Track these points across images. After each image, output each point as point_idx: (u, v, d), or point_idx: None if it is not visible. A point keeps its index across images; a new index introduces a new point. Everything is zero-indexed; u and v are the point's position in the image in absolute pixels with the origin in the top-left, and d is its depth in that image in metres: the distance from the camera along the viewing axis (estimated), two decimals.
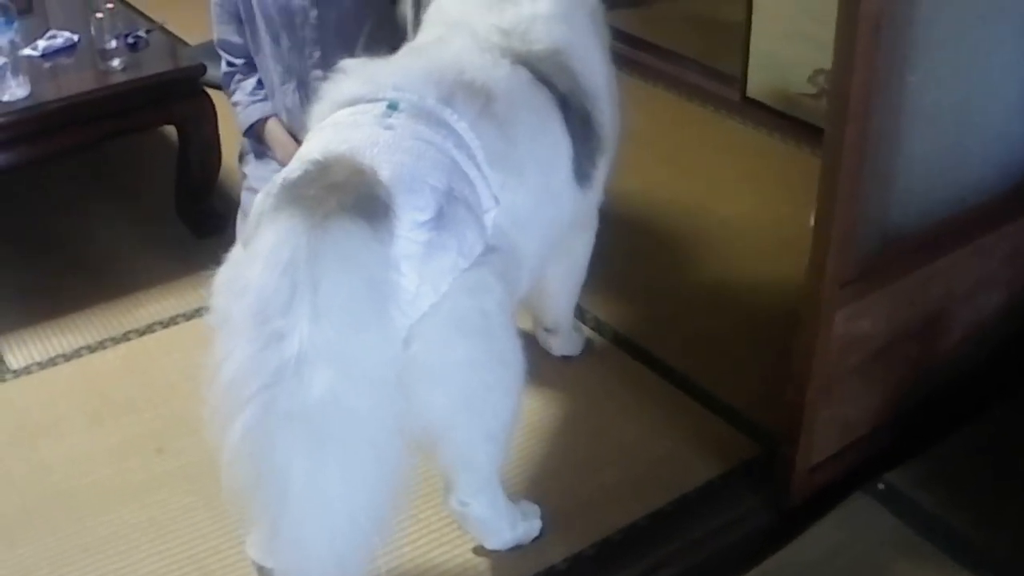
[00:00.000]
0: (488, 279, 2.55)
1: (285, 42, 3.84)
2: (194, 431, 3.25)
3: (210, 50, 4.33)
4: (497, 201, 2.65)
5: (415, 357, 2.42)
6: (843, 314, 2.92)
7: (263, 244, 2.26)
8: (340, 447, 2.25)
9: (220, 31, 4.03)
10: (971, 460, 3.17)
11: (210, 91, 4.31)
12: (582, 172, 3.03)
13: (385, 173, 2.41)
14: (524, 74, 2.92)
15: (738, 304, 3.99)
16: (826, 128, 2.77)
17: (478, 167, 2.63)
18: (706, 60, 5.55)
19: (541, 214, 2.87)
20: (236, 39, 3.99)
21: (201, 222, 4.43)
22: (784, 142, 5.08)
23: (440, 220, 2.45)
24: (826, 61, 4.60)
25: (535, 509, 3.06)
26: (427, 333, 2.44)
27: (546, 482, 3.20)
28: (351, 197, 2.29)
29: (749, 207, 4.57)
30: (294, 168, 2.41)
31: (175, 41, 4.58)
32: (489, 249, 2.58)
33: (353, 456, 2.28)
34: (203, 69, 4.20)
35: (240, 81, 4.06)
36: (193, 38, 4.89)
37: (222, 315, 2.43)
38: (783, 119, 5.14)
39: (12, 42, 3.97)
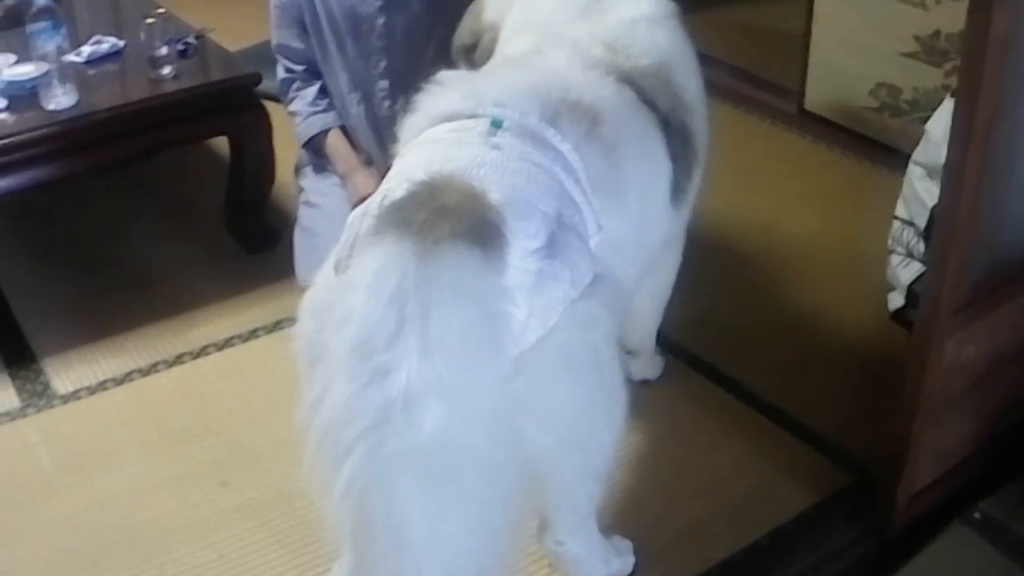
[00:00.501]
0: (597, 311, 2.40)
1: (351, 50, 3.68)
2: (259, 462, 3.24)
3: (253, 57, 4.21)
4: (600, 228, 2.51)
5: (521, 393, 2.25)
6: (953, 342, 2.85)
7: (365, 270, 2.11)
8: (458, 488, 2.11)
9: (280, 35, 3.84)
10: None
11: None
12: (678, 190, 2.91)
13: (495, 196, 2.24)
14: (629, 94, 2.78)
15: (815, 326, 3.88)
16: (949, 152, 2.67)
17: (584, 192, 2.48)
18: (762, 72, 5.46)
19: (639, 239, 2.75)
20: (297, 44, 3.80)
21: (253, 237, 4.27)
22: (845, 156, 4.99)
23: (552, 248, 2.29)
24: (888, 75, 4.73)
25: (627, 544, 2.94)
26: (535, 369, 2.28)
27: (635, 514, 3.07)
28: (464, 223, 2.13)
29: (817, 224, 4.46)
30: (397, 187, 2.25)
31: (221, 48, 4.34)
32: (596, 279, 2.41)
33: (473, 496, 2.14)
34: (259, 78, 4.01)
35: (299, 89, 3.87)
36: (232, 45, 4.67)
37: (311, 344, 2.31)
38: (842, 132, 5.06)
39: (59, 47, 3.77)
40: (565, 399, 2.37)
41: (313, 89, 3.84)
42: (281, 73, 3.89)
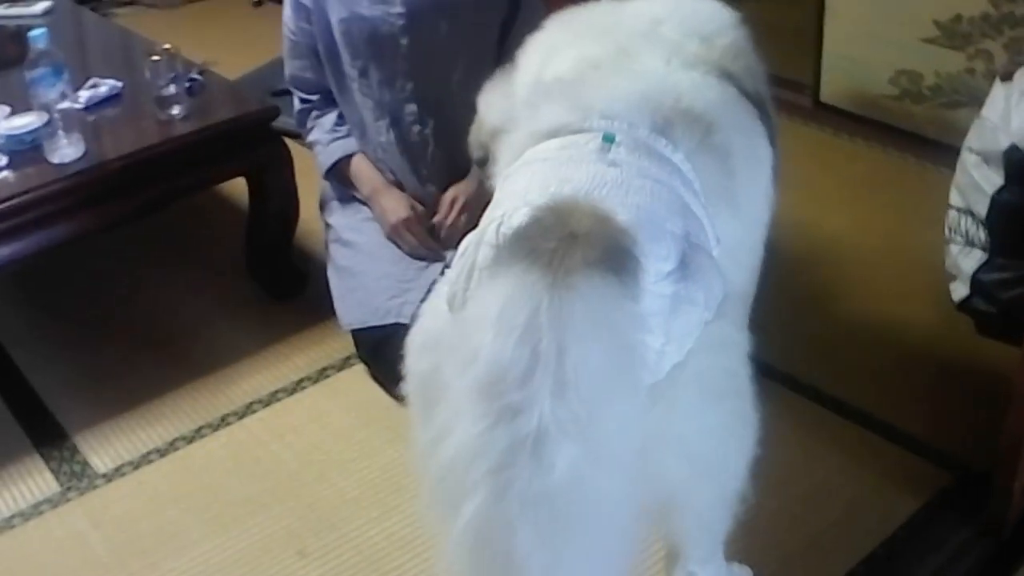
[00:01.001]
0: (730, 331, 2.25)
1: (375, 75, 3.50)
2: (334, 526, 3.05)
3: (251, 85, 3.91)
4: (718, 240, 2.31)
5: (656, 423, 2.09)
6: None
7: (491, 305, 1.92)
8: (584, 534, 1.94)
9: (293, 66, 3.68)
10: None
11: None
12: (775, 171, 2.75)
13: (623, 218, 2.06)
14: (731, 90, 2.59)
15: (882, 325, 3.76)
16: None
17: (702, 205, 2.30)
18: (774, 68, 5.22)
19: (752, 241, 2.61)
20: (310, 75, 3.66)
21: (279, 282, 4.02)
22: (870, 146, 4.90)
23: (685, 270, 2.11)
24: (907, 61, 4.68)
25: (747, 571, 2.81)
26: (672, 399, 2.12)
27: (745, 540, 2.83)
28: (597, 250, 1.94)
29: (856, 218, 4.35)
30: (514, 213, 2.07)
31: (227, 82, 4.08)
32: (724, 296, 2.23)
33: (598, 543, 1.97)
34: (276, 111, 3.77)
35: (318, 118, 3.72)
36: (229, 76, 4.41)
37: (425, 384, 2.18)
38: (862, 123, 4.98)
39: (63, 93, 3.45)
40: (703, 427, 2.22)
41: (332, 116, 3.70)
42: (297, 105, 3.74)
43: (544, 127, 2.34)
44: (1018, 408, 2.83)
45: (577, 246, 1.93)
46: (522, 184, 2.18)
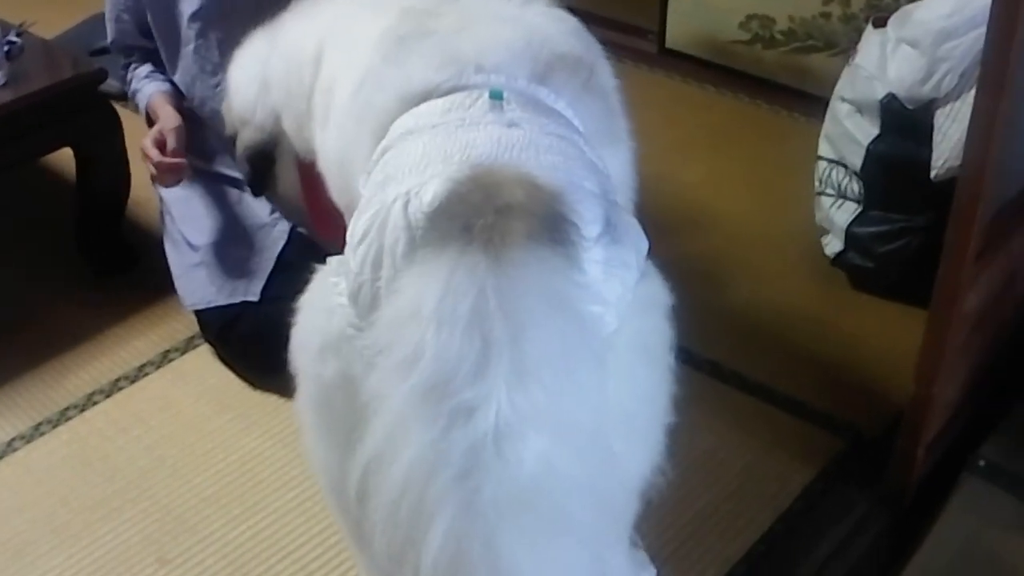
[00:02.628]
0: (658, 289, 2.05)
1: (213, 36, 3.31)
2: (194, 528, 2.84)
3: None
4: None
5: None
6: (970, 293, 2.71)
7: (423, 295, 1.73)
8: (569, 526, 1.75)
9: (117, 30, 3.50)
10: None
11: None
12: None
13: (553, 183, 1.90)
14: (575, 19, 2.43)
15: (752, 282, 3.67)
16: (977, 101, 2.47)
17: (597, 156, 2.15)
18: (617, 13, 5.19)
19: (632, 179, 2.44)
20: (132, 40, 3.49)
21: (110, 258, 3.74)
22: (721, 93, 4.81)
23: (613, 232, 1.95)
24: (758, 6, 4.59)
25: (644, 557, 2.61)
26: (611, 366, 1.91)
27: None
28: (537, 219, 1.78)
29: (713, 169, 4.24)
30: (422, 189, 1.89)
31: (49, 45, 3.77)
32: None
33: (587, 534, 1.78)
34: (104, 75, 3.49)
35: (135, 68, 3.49)
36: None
37: (332, 394, 2.02)
38: (711, 69, 4.89)
39: None
40: (640, 393, 2.03)
41: (147, 66, 3.48)
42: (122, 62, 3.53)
43: (416, 88, 2.14)
44: (923, 373, 2.77)
45: (513, 218, 1.76)
46: (415, 156, 1.98)
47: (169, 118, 3.30)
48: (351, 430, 1.88)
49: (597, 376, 1.81)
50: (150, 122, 3.42)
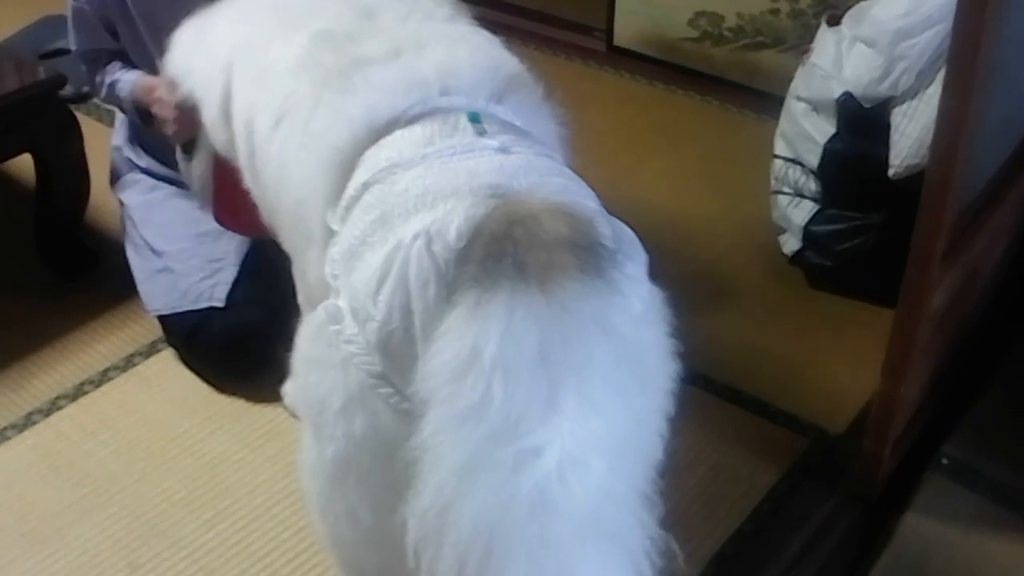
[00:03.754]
0: (659, 300, 1.94)
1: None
2: (164, 533, 2.84)
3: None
4: None
5: None
6: (937, 292, 2.74)
7: (482, 340, 1.67)
8: (624, 542, 1.72)
9: (82, 40, 3.38)
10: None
11: None
12: None
13: (583, 210, 1.88)
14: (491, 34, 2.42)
15: (708, 281, 3.68)
16: (943, 102, 2.50)
17: None
18: (566, 13, 5.22)
19: None
20: (101, 46, 3.37)
21: (70, 262, 3.71)
22: (670, 91, 4.83)
23: (623, 248, 1.92)
24: (706, 3, 4.64)
25: None
26: None
27: None
28: (584, 251, 1.75)
29: (664, 166, 4.27)
30: (451, 228, 1.81)
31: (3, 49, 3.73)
32: None
33: (637, 545, 1.73)
34: (63, 80, 3.45)
35: (106, 65, 3.37)
36: None
37: (363, 450, 1.92)
38: (659, 67, 4.92)
39: None
40: (657, 405, 1.95)
41: (118, 62, 3.37)
42: (88, 71, 3.41)
43: (384, 115, 2.08)
44: (890, 373, 2.80)
45: (563, 252, 1.73)
46: (415, 190, 1.91)
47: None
48: (386, 486, 1.85)
49: (641, 397, 1.81)
50: (140, 112, 3.33)
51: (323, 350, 1.93)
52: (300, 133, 2.20)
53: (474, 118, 2.06)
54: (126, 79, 3.33)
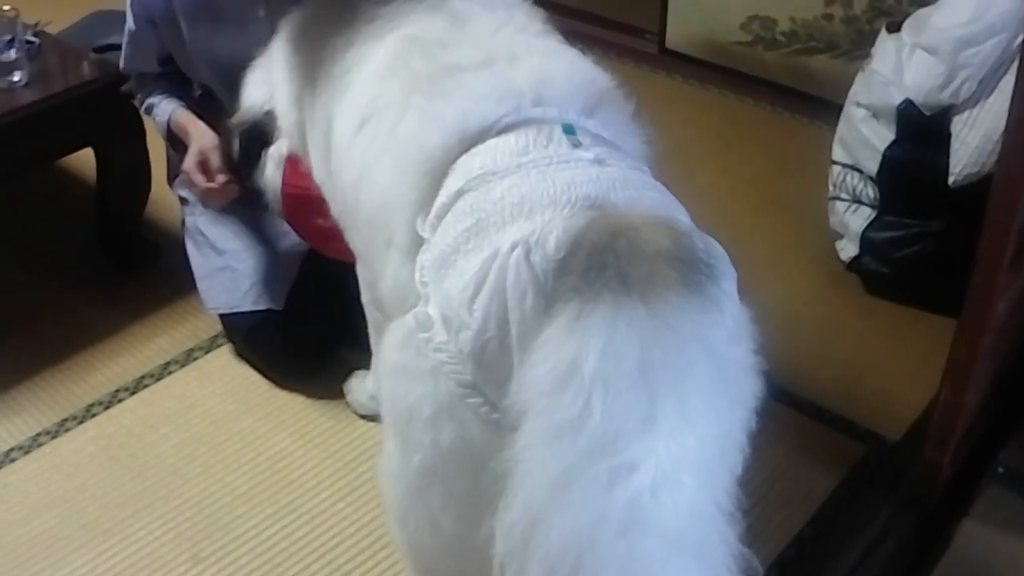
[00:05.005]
0: (747, 318, 1.94)
1: None
2: (227, 526, 2.85)
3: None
4: None
5: None
6: (1003, 302, 2.73)
7: (583, 352, 1.65)
8: (711, 558, 1.70)
9: (135, 60, 3.40)
10: None
11: None
12: None
13: (682, 224, 1.86)
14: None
15: (766, 285, 3.59)
16: (1013, 110, 2.46)
17: None
18: (619, 15, 5.22)
19: None
20: (151, 68, 3.40)
21: (131, 257, 3.74)
22: (723, 95, 4.83)
23: (716, 262, 1.87)
24: (761, 6, 4.62)
25: None
26: None
27: None
28: (686, 265, 1.73)
29: (720, 170, 4.24)
30: (549, 240, 1.80)
31: (65, 44, 3.75)
32: None
33: (722, 560, 1.72)
34: (127, 76, 3.43)
35: (151, 84, 3.42)
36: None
37: (450, 458, 1.91)
38: (711, 70, 4.90)
39: None
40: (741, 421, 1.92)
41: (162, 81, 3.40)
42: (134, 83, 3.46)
43: (474, 125, 2.07)
44: (952, 384, 2.79)
45: (665, 265, 1.71)
46: (511, 199, 1.90)
47: (204, 135, 3.23)
48: (471, 496, 1.86)
49: (730, 414, 1.80)
50: (171, 138, 3.38)
51: (412, 358, 1.92)
52: (385, 137, 2.20)
53: (568, 130, 2.05)
54: (163, 108, 3.36)
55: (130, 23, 3.29)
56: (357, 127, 2.28)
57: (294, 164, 2.82)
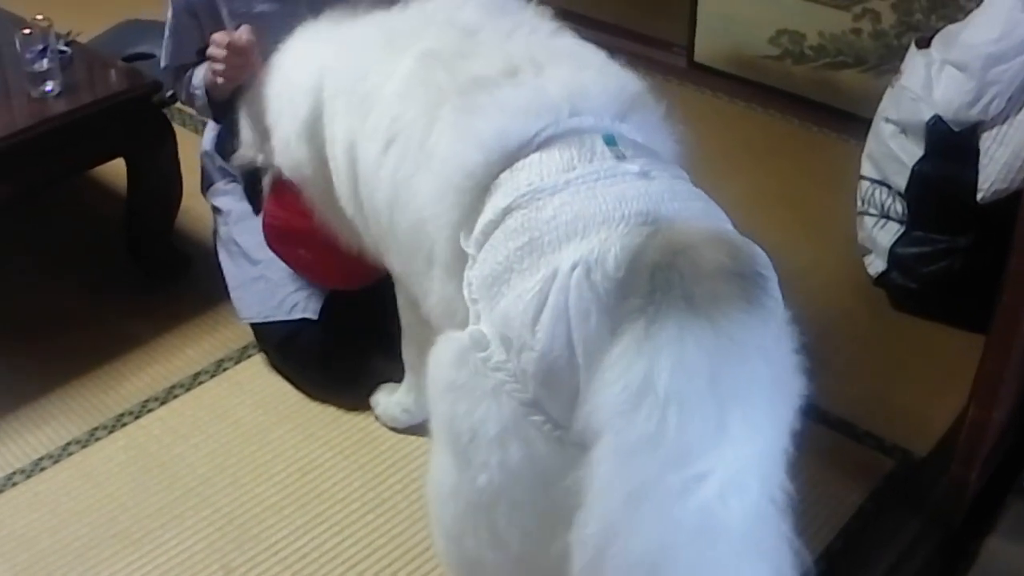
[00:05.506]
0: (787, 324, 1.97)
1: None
2: (258, 537, 2.86)
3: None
4: None
5: None
6: None
7: (654, 371, 1.69)
8: (772, 559, 1.77)
9: (177, 55, 3.36)
10: None
11: None
12: None
13: (735, 239, 1.89)
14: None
15: (794, 299, 3.49)
16: None
17: None
18: (647, 28, 5.20)
19: None
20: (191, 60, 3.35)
21: (161, 267, 3.76)
22: (751, 109, 4.83)
23: (766, 270, 1.92)
24: (790, 21, 4.61)
25: None
26: None
27: None
28: (746, 281, 1.77)
29: (748, 184, 4.20)
30: (609, 258, 1.82)
31: (97, 54, 3.76)
32: None
33: (781, 562, 1.79)
34: (158, 85, 3.47)
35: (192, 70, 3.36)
36: None
37: (517, 477, 1.93)
38: (739, 84, 4.90)
39: None
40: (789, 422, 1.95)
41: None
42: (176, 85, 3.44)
43: (513, 139, 2.07)
44: (979, 400, 2.79)
45: (726, 282, 1.74)
46: (564, 217, 1.91)
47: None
48: (538, 513, 1.90)
49: (785, 414, 1.84)
50: (212, 104, 3.26)
51: (470, 377, 1.94)
52: (415, 154, 2.21)
53: (609, 141, 2.05)
54: (197, 75, 3.31)
55: (169, 18, 3.30)
56: (383, 148, 2.29)
57: (278, 195, 2.85)
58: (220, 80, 3.03)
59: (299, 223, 2.78)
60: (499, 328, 1.89)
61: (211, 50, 3.00)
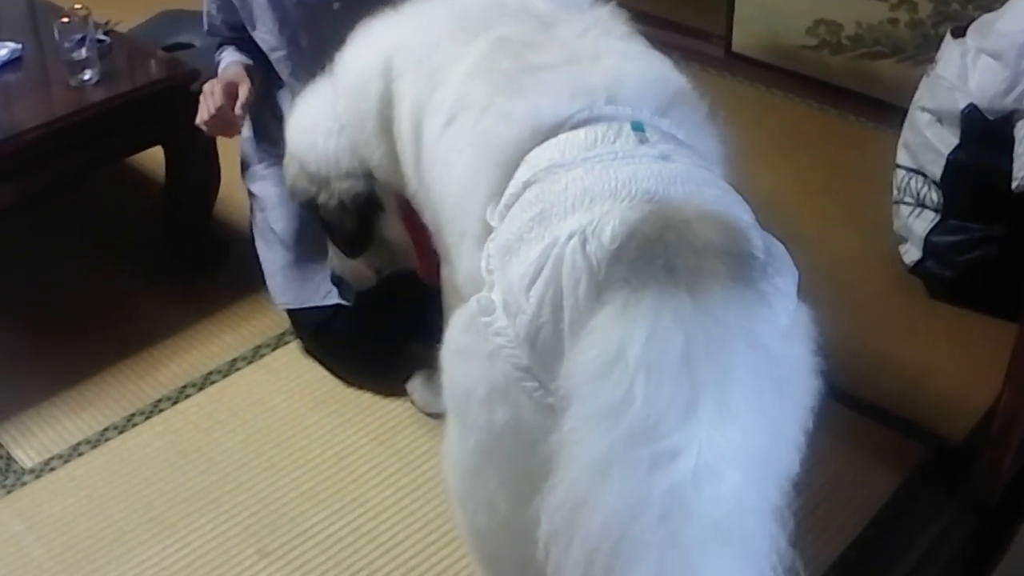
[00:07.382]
0: (806, 317, 1.97)
1: (304, 41, 3.19)
2: (293, 521, 2.88)
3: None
4: None
5: None
6: None
7: (628, 339, 1.68)
8: (755, 552, 1.71)
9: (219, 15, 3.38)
10: None
11: None
12: None
13: (736, 220, 1.87)
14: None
15: (830, 288, 3.58)
16: None
17: None
18: (686, 18, 5.21)
19: None
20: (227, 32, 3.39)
21: (199, 254, 3.79)
22: (788, 98, 4.84)
23: (774, 261, 1.92)
24: (827, 11, 4.62)
25: None
26: None
27: None
28: (734, 259, 1.75)
29: (789, 174, 4.23)
30: (607, 230, 1.83)
31: (136, 43, 3.80)
32: None
33: (765, 555, 1.73)
34: (197, 74, 3.48)
35: (222, 44, 3.41)
36: None
37: (502, 438, 1.94)
38: (777, 73, 4.91)
39: None
40: (796, 420, 1.95)
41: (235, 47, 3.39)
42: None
43: (547, 121, 2.10)
44: (1013, 387, 2.78)
45: (713, 258, 1.73)
46: (574, 191, 1.94)
47: (242, 77, 3.23)
48: (524, 477, 1.88)
49: (781, 411, 1.81)
50: None
51: (473, 341, 1.96)
52: (469, 132, 2.23)
53: (637, 127, 2.07)
54: (224, 60, 3.35)
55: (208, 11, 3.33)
56: (445, 124, 2.31)
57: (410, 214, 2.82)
58: (204, 128, 3.13)
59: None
60: (504, 294, 1.91)
61: (202, 99, 3.12)
